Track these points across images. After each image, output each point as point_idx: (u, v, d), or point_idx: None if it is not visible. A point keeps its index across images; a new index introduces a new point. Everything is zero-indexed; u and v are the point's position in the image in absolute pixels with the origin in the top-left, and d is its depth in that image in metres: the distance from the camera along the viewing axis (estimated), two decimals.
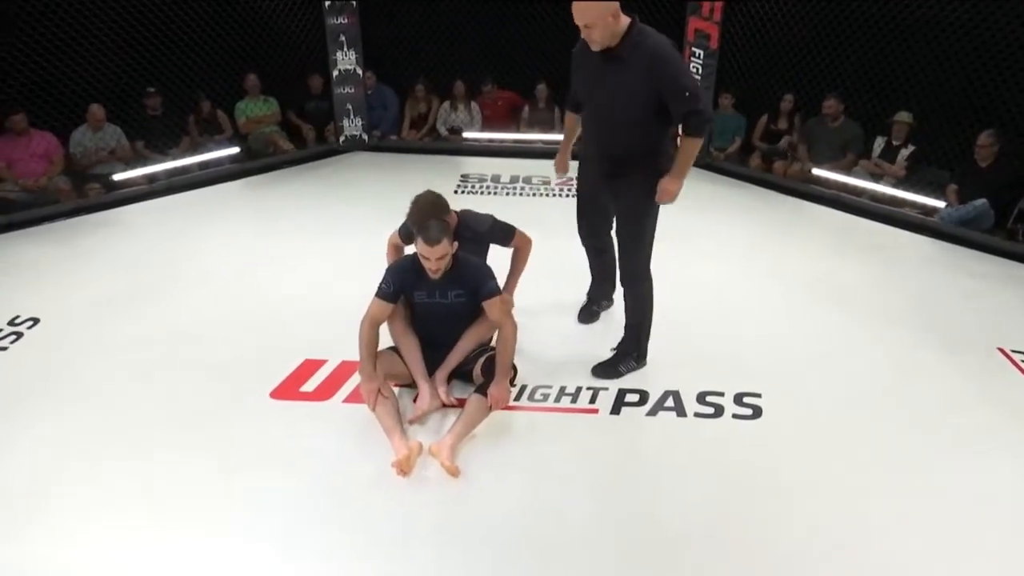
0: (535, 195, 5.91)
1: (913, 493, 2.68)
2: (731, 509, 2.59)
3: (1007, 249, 4.94)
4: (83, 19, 5.64)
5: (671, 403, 3.17)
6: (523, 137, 6.99)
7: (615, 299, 3.78)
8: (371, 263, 3.47)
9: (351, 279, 3.75)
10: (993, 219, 5.16)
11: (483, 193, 5.96)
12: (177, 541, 2.41)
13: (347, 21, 6.59)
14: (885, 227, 5.40)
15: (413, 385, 3.11)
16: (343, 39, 6.63)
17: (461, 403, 3.01)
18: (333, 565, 2.33)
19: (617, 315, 3.61)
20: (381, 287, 2.99)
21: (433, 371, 3.12)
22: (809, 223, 5.54)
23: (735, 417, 3.09)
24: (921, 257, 4.97)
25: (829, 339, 3.74)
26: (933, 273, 4.66)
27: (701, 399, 3.19)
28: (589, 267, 3.76)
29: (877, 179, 5.82)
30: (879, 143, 5.95)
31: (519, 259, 3.53)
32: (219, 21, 6.39)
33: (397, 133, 7.22)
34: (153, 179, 5.92)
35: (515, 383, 3.15)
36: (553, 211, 5.25)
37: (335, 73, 6.75)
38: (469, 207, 3.47)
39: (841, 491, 2.67)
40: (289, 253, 4.70)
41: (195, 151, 6.29)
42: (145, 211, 5.57)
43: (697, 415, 3.10)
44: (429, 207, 3.08)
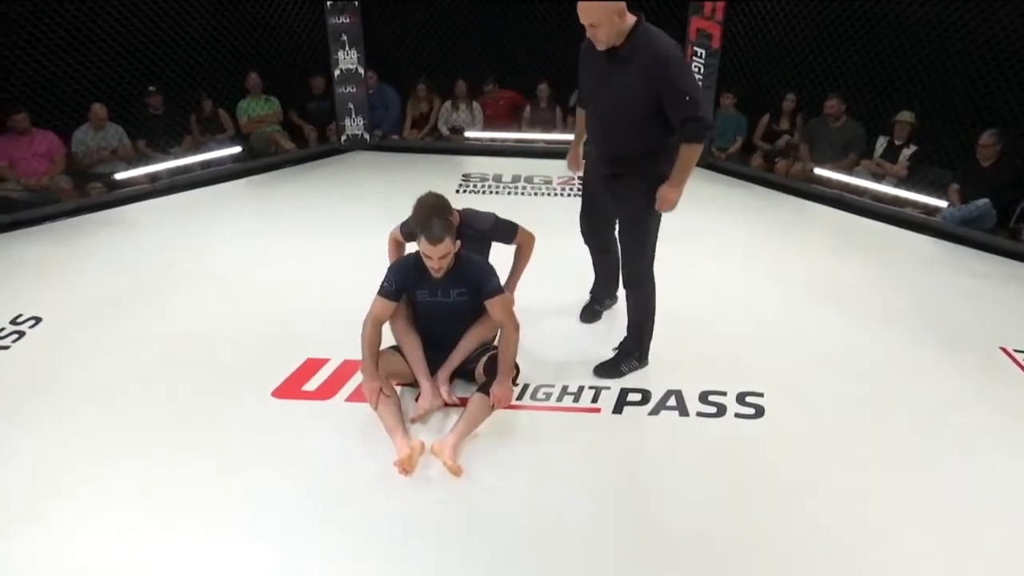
0: (537, 195, 5.91)
1: (913, 493, 2.67)
2: (732, 509, 2.58)
3: (1009, 249, 4.93)
4: (85, 18, 5.64)
5: (673, 402, 3.16)
6: (525, 137, 6.99)
7: (618, 297, 3.77)
8: (373, 262, 3.47)
9: (353, 278, 3.74)
10: (995, 219, 5.15)
11: (485, 193, 5.95)
12: (177, 541, 2.40)
13: (349, 20, 6.59)
14: (887, 227, 5.39)
15: (415, 384, 3.10)
16: (345, 38, 6.63)
17: (463, 402, 3.01)
18: (333, 565, 2.33)
19: (619, 314, 3.60)
20: (383, 286, 2.99)
21: (435, 370, 3.11)
22: (811, 223, 5.54)
23: (738, 416, 3.08)
24: (923, 257, 4.96)
25: (831, 339, 3.73)
26: (935, 273, 4.65)
27: (703, 398, 3.19)
28: (592, 266, 3.76)
29: (879, 179, 5.82)
30: (881, 143, 5.94)
31: (522, 256, 3.53)
32: (221, 20, 6.40)
33: (399, 133, 7.22)
34: (155, 178, 5.92)
35: (517, 382, 3.14)
36: (555, 210, 5.25)
37: (337, 72, 6.75)
38: (471, 206, 3.47)
39: (841, 491, 2.67)
40: (291, 252, 4.70)
41: (197, 150, 6.29)
42: (147, 210, 5.57)
43: (700, 414, 3.09)
44: (432, 208, 3.08)
